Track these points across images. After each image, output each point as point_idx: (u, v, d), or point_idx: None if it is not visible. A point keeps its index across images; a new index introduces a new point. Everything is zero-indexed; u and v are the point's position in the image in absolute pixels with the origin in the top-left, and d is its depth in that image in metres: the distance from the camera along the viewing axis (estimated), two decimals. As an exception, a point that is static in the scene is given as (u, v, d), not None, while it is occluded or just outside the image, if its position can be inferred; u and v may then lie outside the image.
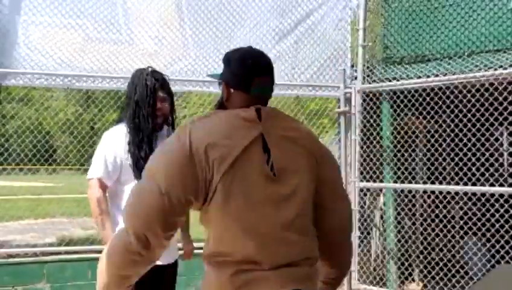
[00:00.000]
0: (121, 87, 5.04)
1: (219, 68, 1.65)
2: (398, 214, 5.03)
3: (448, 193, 5.08)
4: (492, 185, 4.50)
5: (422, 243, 5.03)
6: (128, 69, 4.96)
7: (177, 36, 5.13)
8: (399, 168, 4.95)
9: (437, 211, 5.25)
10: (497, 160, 4.82)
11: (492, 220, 4.24)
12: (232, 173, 1.41)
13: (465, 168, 4.60)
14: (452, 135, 4.62)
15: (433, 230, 5.03)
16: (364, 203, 5.19)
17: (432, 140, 5.02)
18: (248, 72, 1.55)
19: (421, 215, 5.29)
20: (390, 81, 4.93)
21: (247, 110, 1.52)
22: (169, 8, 5.14)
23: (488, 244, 4.69)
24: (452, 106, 4.57)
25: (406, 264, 4.88)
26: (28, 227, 7.87)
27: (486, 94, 4.45)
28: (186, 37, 5.14)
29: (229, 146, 1.42)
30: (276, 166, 1.48)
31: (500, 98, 4.28)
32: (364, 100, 5.06)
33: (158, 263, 2.13)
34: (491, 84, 4.37)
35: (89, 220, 9.39)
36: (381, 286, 4.93)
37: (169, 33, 5.11)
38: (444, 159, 4.90)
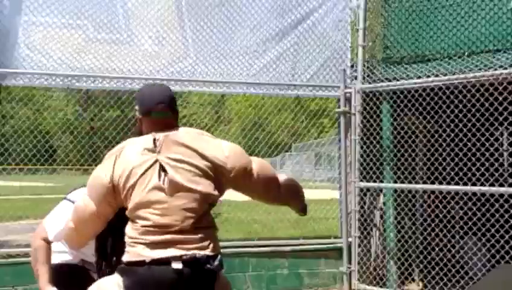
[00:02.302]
0: (121, 87, 5.04)
1: None
2: (398, 214, 5.03)
3: (448, 193, 5.08)
4: (492, 185, 4.50)
5: (422, 243, 5.03)
6: (128, 69, 4.97)
7: (177, 36, 5.13)
8: (399, 168, 4.95)
9: (437, 211, 5.25)
10: (497, 160, 4.82)
11: (492, 220, 4.25)
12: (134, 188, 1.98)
13: (465, 168, 4.60)
14: (452, 135, 4.61)
15: (433, 230, 5.03)
16: (364, 203, 5.19)
17: (432, 140, 5.02)
18: (148, 102, 2.15)
19: (421, 215, 5.29)
20: (390, 81, 4.93)
21: (147, 141, 2.04)
22: (169, 8, 5.14)
23: (488, 244, 4.69)
24: (452, 106, 4.57)
25: (406, 264, 4.88)
26: (28, 227, 7.86)
27: (486, 94, 4.44)
28: (186, 38, 5.14)
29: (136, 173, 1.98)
30: (168, 179, 1.96)
31: (500, 98, 4.28)
32: (364, 100, 5.05)
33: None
34: (491, 84, 4.37)
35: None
36: (381, 286, 4.93)
37: (169, 33, 5.11)
38: (444, 159, 4.90)
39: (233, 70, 5.20)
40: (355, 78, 5.22)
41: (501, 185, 4.81)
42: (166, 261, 1.87)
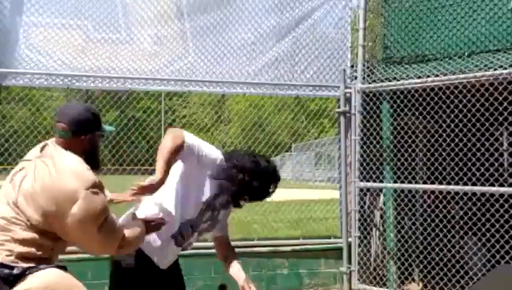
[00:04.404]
0: (121, 87, 5.04)
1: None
2: (398, 214, 5.02)
3: (448, 193, 5.08)
4: (492, 185, 4.50)
5: (422, 243, 5.03)
6: (128, 69, 4.97)
7: (177, 36, 5.13)
8: (399, 168, 4.94)
9: (437, 211, 5.24)
10: (497, 160, 4.82)
11: (492, 220, 4.25)
12: None
13: (465, 168, 4.60)
14: (452, 135, 4.61)
15: (433, 230, 5.03)
16: (364, 203, 5.19)
17: (432, 140, 5.02)
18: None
19: (421, 215, 5.29)
20: (390, 81, 4.93)
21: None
22: (169, 8, 5.14)
23: (488, 244, 4.68)
24: (452, 106, 4.57)
25: (406, 264, 4.87)
26: (28, 227, 7.85)
27: (486, 94, 4.44)
28: (186, 37, 5.15)
29: None
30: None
31: (500, 98, 4.28)
32: (364, 100, 5.05)
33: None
34: (491, 84, 4.37)
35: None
36: (381, 286, 4.93)
37: (169, 33, 5.11)
38: (444, 159, 4.90)
39: (233, 70, 5.20)
40: (355, 78, 5.22)
41: (501, 185, 4.81)
42: None
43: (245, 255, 5.00)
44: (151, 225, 2.19)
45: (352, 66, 5.40)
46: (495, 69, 4.22)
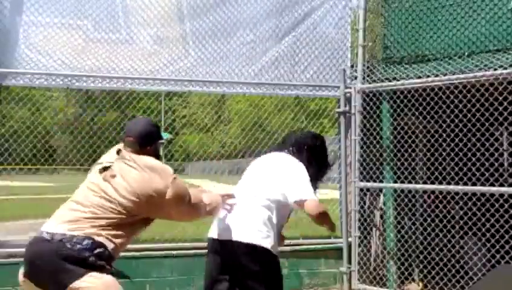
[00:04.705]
0: (121, 87, 5.04)
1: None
2: (398, 214, 5.03)
3: (448, 193, 5.08)
4: (492, 185, 4.50)
5: (422, 243, 5.03)
6: (128, 69, 4.97)
7: (177, 36, 5.13)
8: (399, 168, 4.94)
9: (437, 211, 5.24)
10: (497, 160, 4.82)
11: (492, 220, 4.24)
12: None
13: (465, 168, 4.59)
14: (452, 135, 4.61)
15: (433, 230, 5.03)
16: (364, 203, 5.19)
17: (432, 140, 5.02)
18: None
19: (421, 215, 5.29)
20: (390, 81, 4.93)
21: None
22: (169, 8, 5.14)
23: (488, 244, 4.68)
24: (452, 106, 4.57)
25: (406, 264, 4.88)
26: (28, 227, 7.86)
27: (486, 94, 4.44)
28: (186, 37, 5.15)
29: None
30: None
31: (500, 98, 4.28)
32: (364, 100, 5.06)
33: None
34: (491, 84, 4.37)
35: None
36: (381, 286, 4.93)
37: (170, 33, 5.11)
38: (444, 159, 4.90)
39: (233, 70, 5.20)
40: (355, 78, 5.22)
41: (501, 185, 4.81)
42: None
43: (245, 255, 5.00)
44: (224, 198, 2.75)
45: (352, 66, 5.40)
46: (495, 69, 4.22)
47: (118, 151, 2.57)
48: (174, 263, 4.84)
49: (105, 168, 2.50)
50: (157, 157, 2.62)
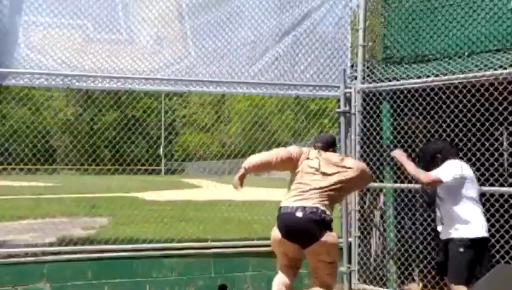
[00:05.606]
0: (121, 87, 5.04)
1: None
2: (398, 214, 5.03)
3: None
4: (492, 185, 4.50)
5: (422, 243, 5.03)
6: (128, 68, 4.97)
7: (177, 36, 5.13)
8: (399, 168, 4.94)
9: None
10: (497, 160, 4.82)
11: (493, 220, 4.24)
12: None
13: (465, 168, 4.58)
14: (452, 134, 4.62)
15: (433, 230, 5.02)
16: (364, 203, 5.19)
17: (432, 140, 5.01)
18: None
19: (421, 215, 5.29)
20: (390, 81, 4.93)
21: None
22: (169, 8, 5.14)
23: (488, 244, 4.68)
24: (452, 106, 4.57)
25: (406, 264, 4.88)
26: (28, 227, 7.86)
27: (486, 94, 4.45)
28: (186, 37, 5.15)
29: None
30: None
31: (500, 98, 4.28)
32: (364, 100, 5.06)
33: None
34: (491, 84, 4.37)
35: (89, 220, 9.40)
36: (381, 286, 4.93)
37: (170, 33, 5.11)
38: (444, 159, 4.88)
39: (233, 70, 5.21)
40: (355, 78, 5.22)
41: (501, 185, 4.82)
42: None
43: (245, 255, 5.01)
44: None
45: (352, 66, 5.40)
46: (495, 69, 4.23)
47: (318, 151, 3.86)
48: (174, 263, 4.85)
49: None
50: None
